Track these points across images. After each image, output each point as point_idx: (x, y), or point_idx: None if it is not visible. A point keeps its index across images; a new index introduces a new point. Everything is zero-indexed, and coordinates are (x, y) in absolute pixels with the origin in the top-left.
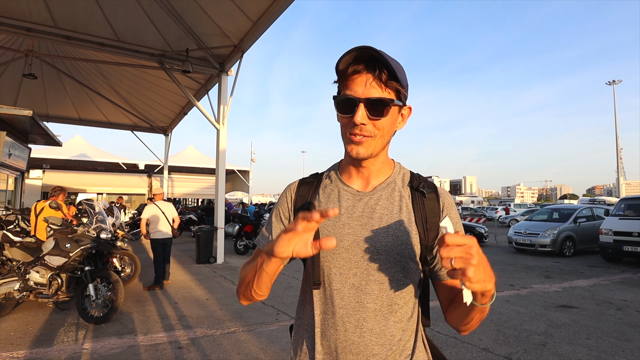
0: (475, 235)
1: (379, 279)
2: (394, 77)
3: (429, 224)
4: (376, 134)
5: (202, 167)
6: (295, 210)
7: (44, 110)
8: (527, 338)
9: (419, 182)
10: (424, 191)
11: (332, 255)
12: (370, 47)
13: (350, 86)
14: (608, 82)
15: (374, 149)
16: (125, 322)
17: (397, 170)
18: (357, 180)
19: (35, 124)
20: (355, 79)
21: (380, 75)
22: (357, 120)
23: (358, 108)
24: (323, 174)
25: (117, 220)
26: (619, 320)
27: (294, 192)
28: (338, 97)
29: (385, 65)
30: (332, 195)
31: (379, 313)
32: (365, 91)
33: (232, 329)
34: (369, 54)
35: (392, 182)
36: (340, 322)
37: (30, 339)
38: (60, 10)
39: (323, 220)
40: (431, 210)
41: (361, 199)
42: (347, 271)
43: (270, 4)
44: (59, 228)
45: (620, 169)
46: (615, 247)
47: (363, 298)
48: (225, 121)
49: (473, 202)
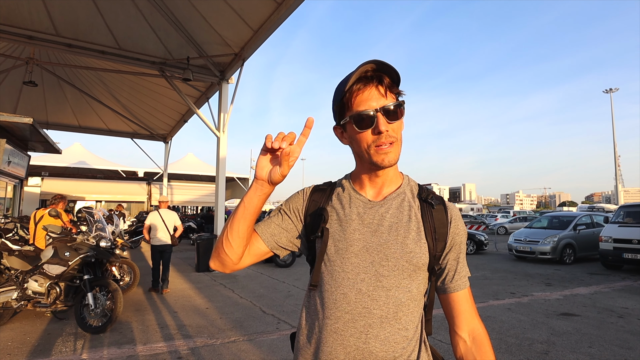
0: (475, 243)
1: (386, 286)
2: (397, 82)
3: (437, 234)
4: (397, 137)
5: (201, 174)
6: (307, 215)
7: (44, 117)
8: (529, 347)
9: (427, 194)
10: (432, 202)
11: (341, 260)
12: (370, 62)
13: (361, 103)
14: (605, 90)
15: (397, 153)
16: (124, 332)
17: (405, 182)
18: (369, 189)
19: (35, 132)
20: (364, 95)
21: (386, 83)
22: (382, 129)
23: (378, 118)
24: (336, 183)
25: (116, 228)
26: (621, 328)
27: (307, 196)
28: (354, 116)
29: (387, 73)
30: (344, 202)
31: (384, 320)
32: (378, 101)
33: (233, 339)
34: (371, 67)
35: (402, 193)
36: (345, 328)
37: (28, 349)
38: (62, 19)
39: (292, 139)
40: (439, 221)
41: (372, 207)
42: (355, 276)
43: (271, 13)
44: (58, 236)
45: (618, 176)
46: (615, 254)
47: (370, 304)
48: (225, 129)
49: (472, 209)
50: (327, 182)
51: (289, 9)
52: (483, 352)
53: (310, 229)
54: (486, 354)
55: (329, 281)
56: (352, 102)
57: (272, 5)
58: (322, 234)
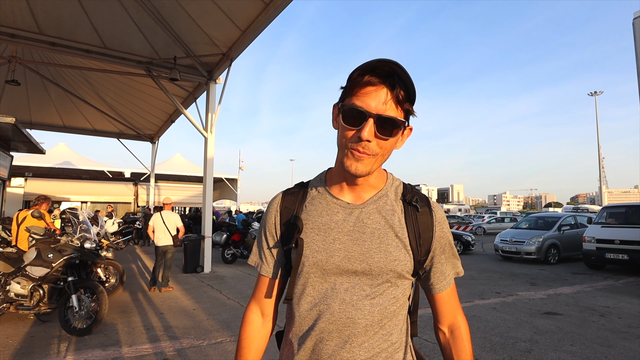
0: (462, 244)
1: (370, 295)
2: (410, 98)
3: (422, 239)
4: (378, 153)
5: (189, 175)
6: (282, 224)
7: (27, 117)
8: (512, 345)
9: (412, 195)
10: (417, 205)
11: (322, 272)
12: (394, 62)
13: (361, 97)
14: (590, 93)
15: (373, 167)
16: (109, 334)
17: (389, 182)
18: (348, 193)
19: (18, 132)
20: (369, 91)
21: (398, 94)
22: (364, 136)
23: (367, 123)
24: (309, 184)
25: (101, 230)
26: (602, 327)
27: (278, 205)
28: (347, 106)
29: (404, 84)
30: (321, 208)
31: (369, 328)
32: (379, 107)
33: (220, 339)
34: (390, 68)
35: (384, 195)
36: (330, 338)
37: (11, 352)
38: (45, 17)
39: None
40: (424, 225)
41: (352, 212)
42: (339, 286)
43: (259, 13)
44: (41, 238)
45: (602, 177)
46: (598, 254)
47: (354, 314)
48: (213, 129)
49: (460, 210)
50: (299, 184)
51: (277, 9)
52: (459, 343)
53: (285, 239)
54: (462, 345)
55: (311, 292)
56: (355, 89)
57: (260, 5)
58: (297, 244)
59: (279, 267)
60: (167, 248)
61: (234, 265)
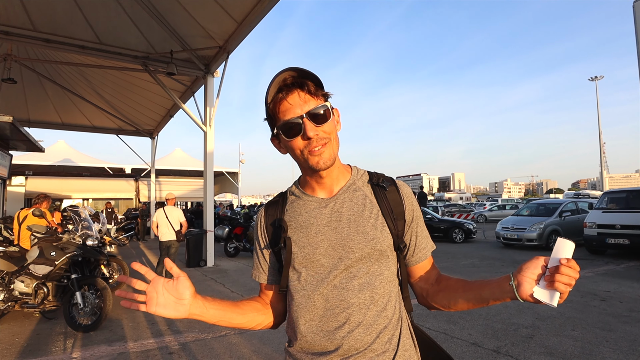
0: (464, 232)
1: (358, 275)
2: (319, 85)
3: (395, 214)
4: (329, 137)
5: (190, 169)
6: (268, 231)
7: (25, 115)
8: (514, 331)
9: (377, 178)
10: (384, 185)
11: (311, 264)
12: (286, 69)
13: (285, 112)
14: (590, 79)
15: (333, 152)
16: (114, 329)
17: (355, 173)
18: (320, 190)
19: (16, 130)
20: (287, 104)
21: (308, 89)
22: (309, 134)
23: (304, 124)
24: (287, 192)
25: (103, 226)
26: (603, 311)
27: (263, 216)
28: (282, 125)
29: (307, 78)
30: (299, 208)
31: (363, 306)
32: (303, 107)
33: (224, 332)
34: (287, 75)
35: (352, 184)
36: (329, 322)
37: (17, 350)
38: (39, 13)
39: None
40: (394, 201)
41: (327, 205)
42: (328, 274)
43: (254, 5)
44: (43, 236)
45: (603, 163)
46: (599, 239)
47: (346, 296)
48: (212, 123)
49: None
50: (279, 194)
51: (272, 1)
52: (451, 279)
53: (273, 242)
54: (454, 278)
55: (305, 286)
56: (277, 112)
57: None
58: (285, 243)
59: (275, 271)
60: (171, 243)
61: (236, 259)
